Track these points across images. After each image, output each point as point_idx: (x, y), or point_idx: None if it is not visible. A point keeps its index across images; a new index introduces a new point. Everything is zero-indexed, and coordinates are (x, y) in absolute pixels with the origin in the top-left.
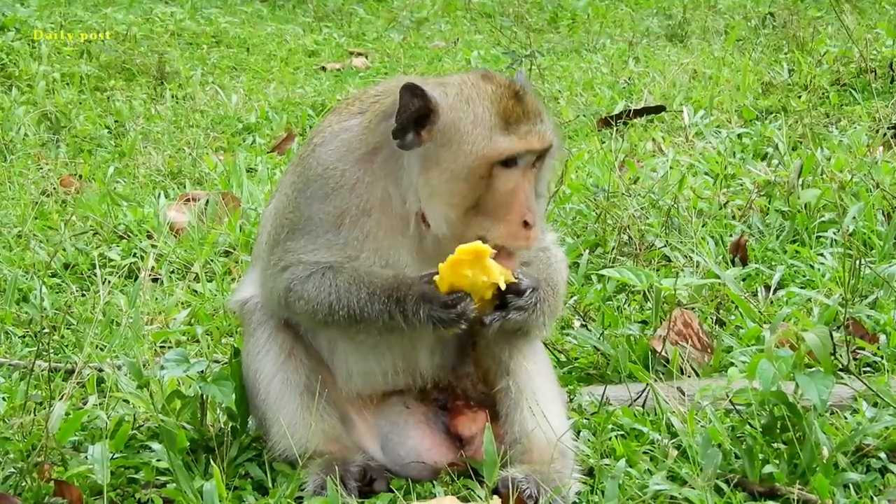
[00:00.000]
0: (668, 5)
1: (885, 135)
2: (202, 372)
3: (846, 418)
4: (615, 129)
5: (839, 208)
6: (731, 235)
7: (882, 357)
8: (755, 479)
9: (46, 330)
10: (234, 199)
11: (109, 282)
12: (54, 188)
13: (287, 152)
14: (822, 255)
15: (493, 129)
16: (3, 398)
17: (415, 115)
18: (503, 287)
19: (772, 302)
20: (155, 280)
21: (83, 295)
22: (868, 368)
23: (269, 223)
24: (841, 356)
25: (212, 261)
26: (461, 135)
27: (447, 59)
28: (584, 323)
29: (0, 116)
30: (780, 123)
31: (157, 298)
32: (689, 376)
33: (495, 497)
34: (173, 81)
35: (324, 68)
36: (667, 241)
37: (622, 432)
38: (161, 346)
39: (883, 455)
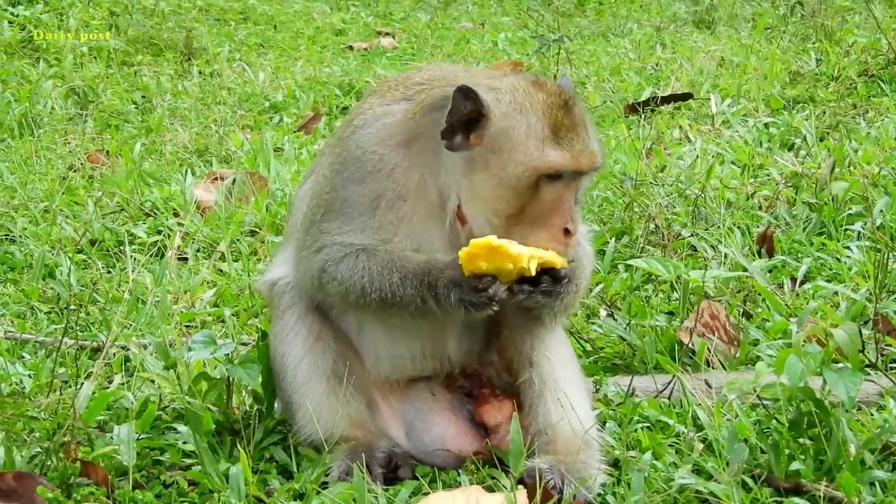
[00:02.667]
0: None
1: None
2: (229, 354)
3: (872, 415)
4: (642, 115)
5: (867, 201)
6: (757, 226)
7: None
8: (781, 474)
9: (73, 307)
10: (260, 179)
11: (136, 259)
12: (81, 163)
13: (314, 132)
14: (848, 248)
15: (544, 141)
16: (30, 375)
17: (465, 118)
18: (533, 273)
19: (798, 295)
20: (181, 258)
21: (109, 272)
22: (895, 365)
23: (305, 203)
24: (868, 352)
25: (238, 240)
26: (513, 143)
27: (475, 40)
28: (610, 312)
29: (28, 90)
30: (808, 114)
31: (182, 277)
32: (714, 369)
33: (520, 487)
34: (200, 58)
35: (351, 47)
36: (693, 232)
37: (648, 424)
38: (187, 326)
39: None
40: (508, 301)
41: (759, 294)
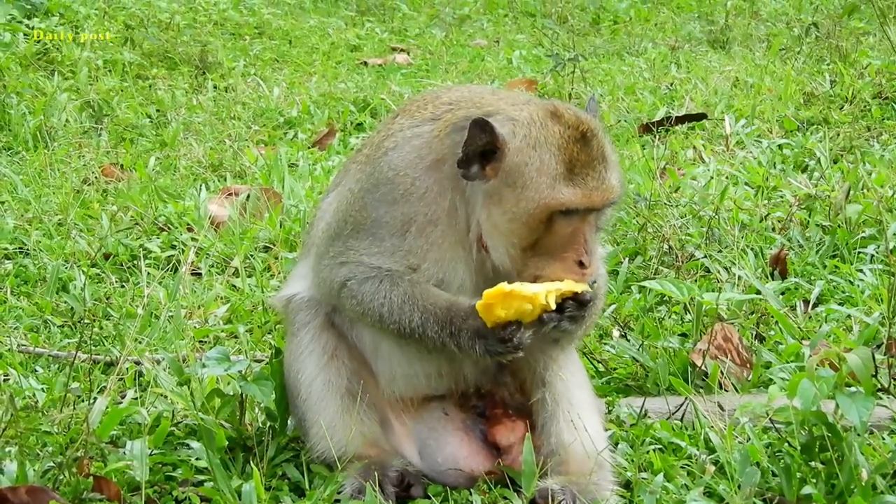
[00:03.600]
0: (711, 10)
1: None
2: (242, 371)
3: (884, 439)
4: (656, 135)
5: (881, 224)
6: (771, 248)
7: None
8: (793, 498)
9: (86, 321)
10: (275, 195)
11: (149, 274)
12: (96, 177)
13: (328, 148)
14: (861, 271)
15: (557, 179)
16: (43, 389)
17: (481, 149)
18: (553, 308)
19: (811, 317)
20: (194, 274)
21: (122, 286)
22: None
23: (329, 214)
24: (881, 377)
25: (251, 256)
26: (525, 180)
27: (489, 58)
28: (623, 333)
29: (42, 102)
30: (822, 136)
31: (196, 292)
32: (727, 391)
33: None
34: (215, 72)
35: (365, 63)
36: (707, 253)
37: (660, 446)
38: (200, 342)
39: None
40: (537, 335)
41: (772, 316)
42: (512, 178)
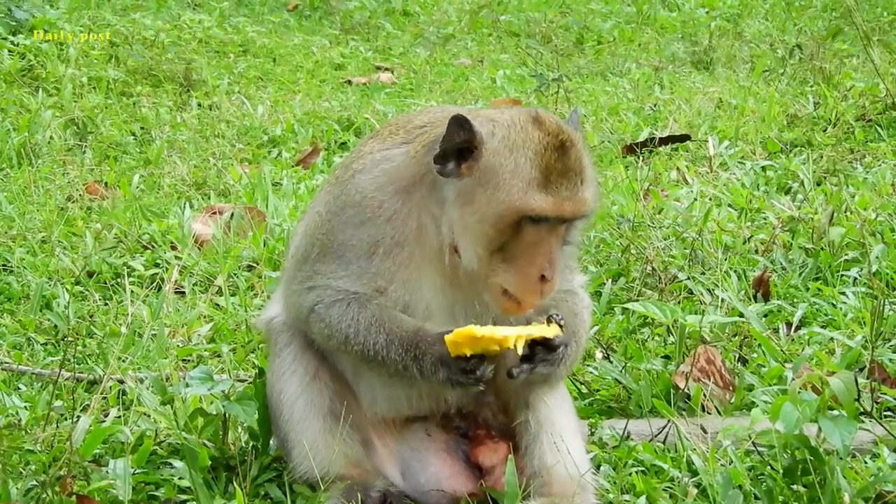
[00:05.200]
0: (694, 31)
1: None
2: (225, 391)
3: (866, 463)
4: (640, 156)
5: (863, 247)
6: (754, 270)
7: None
8: None
9: (70, 339)
10: (258, 213)
11: (133, 292)
12: (80, 194)
13: (312, 167)
14: (844, 293)
15: (530, 184)
16: (26, 407)
17: (458, 147)
18: (520, 353)
19: (793, 340)
20: (178, 292)
21: (106, 304)
22: (889, 413)
23: (299, 237)
24: (863, 400)
25: (235, 275)
26: (498, 181)
27: (473, 77)
28: (606, 355)
29: (27, 119)
30: (805, 158)
31: (179, 311)
32: (710, 414)
33: None
34: (200, 90)
35: (350, 82)
36: (690, 275)
37: (643, 468)
38: (184, 361)
39: None
40: (514, 380)
41: (755, 339)
42: (486, 178)
